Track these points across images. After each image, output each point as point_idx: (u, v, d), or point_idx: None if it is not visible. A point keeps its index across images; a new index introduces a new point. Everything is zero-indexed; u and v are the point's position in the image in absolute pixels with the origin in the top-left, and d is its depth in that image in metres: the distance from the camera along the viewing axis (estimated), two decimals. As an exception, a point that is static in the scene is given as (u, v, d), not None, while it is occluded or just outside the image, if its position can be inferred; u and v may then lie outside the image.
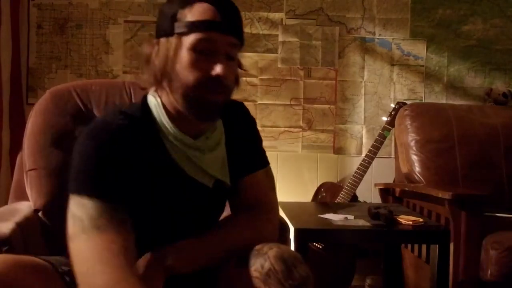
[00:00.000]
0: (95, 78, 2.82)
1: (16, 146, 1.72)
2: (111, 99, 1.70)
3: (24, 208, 1.56)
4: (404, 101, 2.72)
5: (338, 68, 2.89)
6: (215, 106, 1.07)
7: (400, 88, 2.90)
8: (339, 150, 2.90)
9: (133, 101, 1.71)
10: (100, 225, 0.97)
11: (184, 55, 1.04)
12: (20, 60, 2.80)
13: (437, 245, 1.76)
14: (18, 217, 1.44)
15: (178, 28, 1.05)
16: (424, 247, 2.03)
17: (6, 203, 1.70)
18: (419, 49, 2.89)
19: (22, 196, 1.63)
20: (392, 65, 2.90)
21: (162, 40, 1.07)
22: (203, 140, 1.13)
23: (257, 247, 1.08)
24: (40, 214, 1.56)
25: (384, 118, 2.72)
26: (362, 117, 2.90)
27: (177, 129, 1.10)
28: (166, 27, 1.07)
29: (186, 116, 1.08)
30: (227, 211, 1.28)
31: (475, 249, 1.82)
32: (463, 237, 1.82)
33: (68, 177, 1.04)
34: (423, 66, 2.89)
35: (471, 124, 2.47)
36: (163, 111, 1.10)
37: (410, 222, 1.76)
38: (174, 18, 1.06)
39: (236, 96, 1.22)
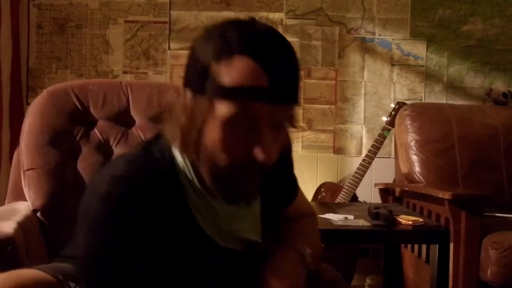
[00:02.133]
0: (95, 78, 2.82)
1: (16, 146, 1.71)
2: (108, 98, 1.70)
3: (23, 208, 1.55)
4: (404, 101, 2.71)
5: (338, 68, 2.88)
6: (251, 189, 0.86)
7: (400, 88, 2.90)
8: (339, 150, 2.90)
9: (131, 101, 1.71)
10: None
11: (215, 127, 0.79)
12: (20, 60, 2.80)
13: (437, 245, 1.75)
14: (18, 217, 1.44)
15: (210, 89, 0.79)
16: (424, 247, 2.02)
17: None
18: (419, 49, 2.88)
19: (19, 196, 1.63)
20: (392, 65, 2.89)
21: (189, 94, 0.82)
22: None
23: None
24: (38, 214, 1.56)
25: (384, 118, 2.71)
26: (362, 117, 2.89)
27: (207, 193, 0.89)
28: (195, 81, 0.82)
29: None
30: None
31: (475, 249, 1.81)
32: (463, 237, 1.81)
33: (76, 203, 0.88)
34: (423, 66, 2.89)
35: (471, 124, 2.46)
36: (194, 176, 0.88)
37: (410, 222, 1.76)
38: (205, 74, 0.79)
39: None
